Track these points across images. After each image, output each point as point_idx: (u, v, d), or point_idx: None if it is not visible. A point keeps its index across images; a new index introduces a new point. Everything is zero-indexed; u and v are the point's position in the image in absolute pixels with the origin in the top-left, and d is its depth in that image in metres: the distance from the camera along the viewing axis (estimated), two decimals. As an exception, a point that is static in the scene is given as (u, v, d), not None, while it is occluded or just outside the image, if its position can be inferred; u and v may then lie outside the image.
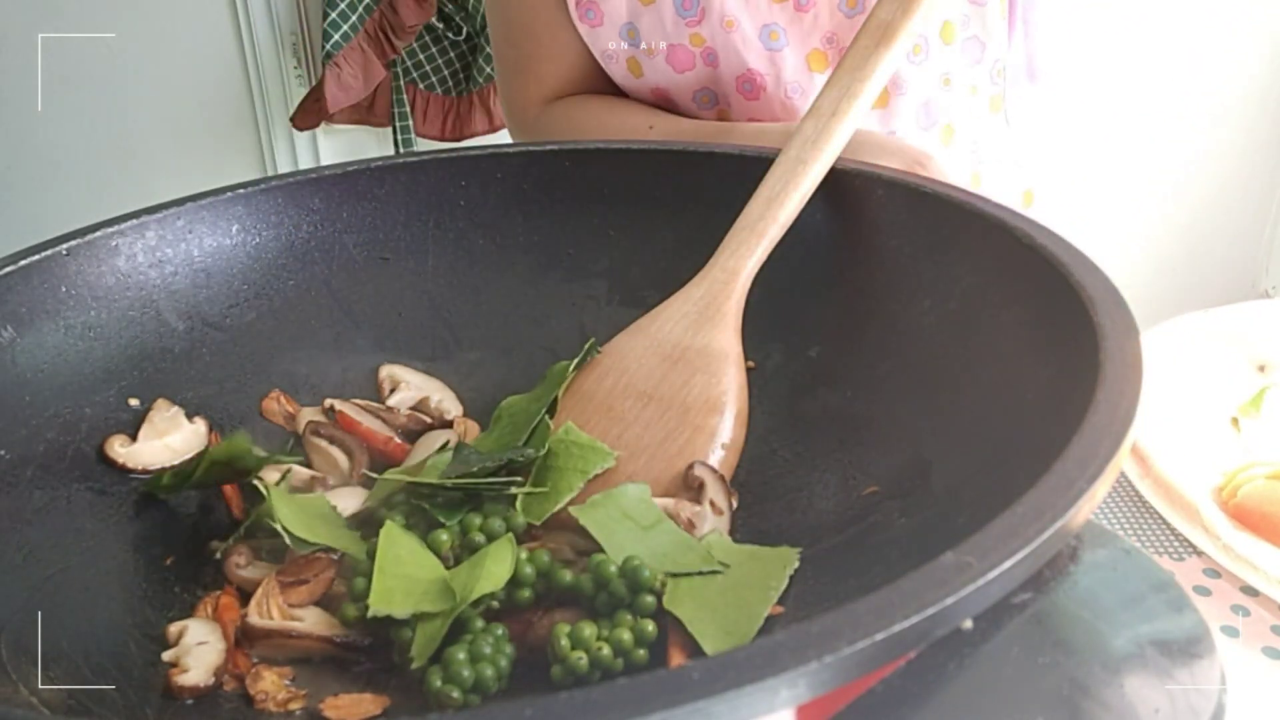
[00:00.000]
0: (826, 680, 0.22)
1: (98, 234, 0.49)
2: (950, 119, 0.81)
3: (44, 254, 0.47)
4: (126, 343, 0.49)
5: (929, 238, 0.47)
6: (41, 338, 0.46)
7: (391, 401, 0.52)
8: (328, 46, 1.80)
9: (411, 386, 0.53)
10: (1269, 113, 1.90)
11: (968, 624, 0.27)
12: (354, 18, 1.81)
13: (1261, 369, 0.63)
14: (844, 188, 0.50)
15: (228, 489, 0.47)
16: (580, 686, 0.30)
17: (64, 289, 0.47)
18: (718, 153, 0.55)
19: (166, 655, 0.38)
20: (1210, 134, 1.91)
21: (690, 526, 0.42)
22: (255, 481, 0.45)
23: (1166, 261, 1.99)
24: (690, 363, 0.47)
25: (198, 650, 0.38)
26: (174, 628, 0.39)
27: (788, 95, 0.78)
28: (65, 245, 0.48)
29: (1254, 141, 1.92)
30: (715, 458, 0.45)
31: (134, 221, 0.51)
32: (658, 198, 0.55)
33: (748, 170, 0.53)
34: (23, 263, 0.46)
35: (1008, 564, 0.25)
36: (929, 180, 0.48)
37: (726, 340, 0.48)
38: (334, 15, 1.79)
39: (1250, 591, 0.49)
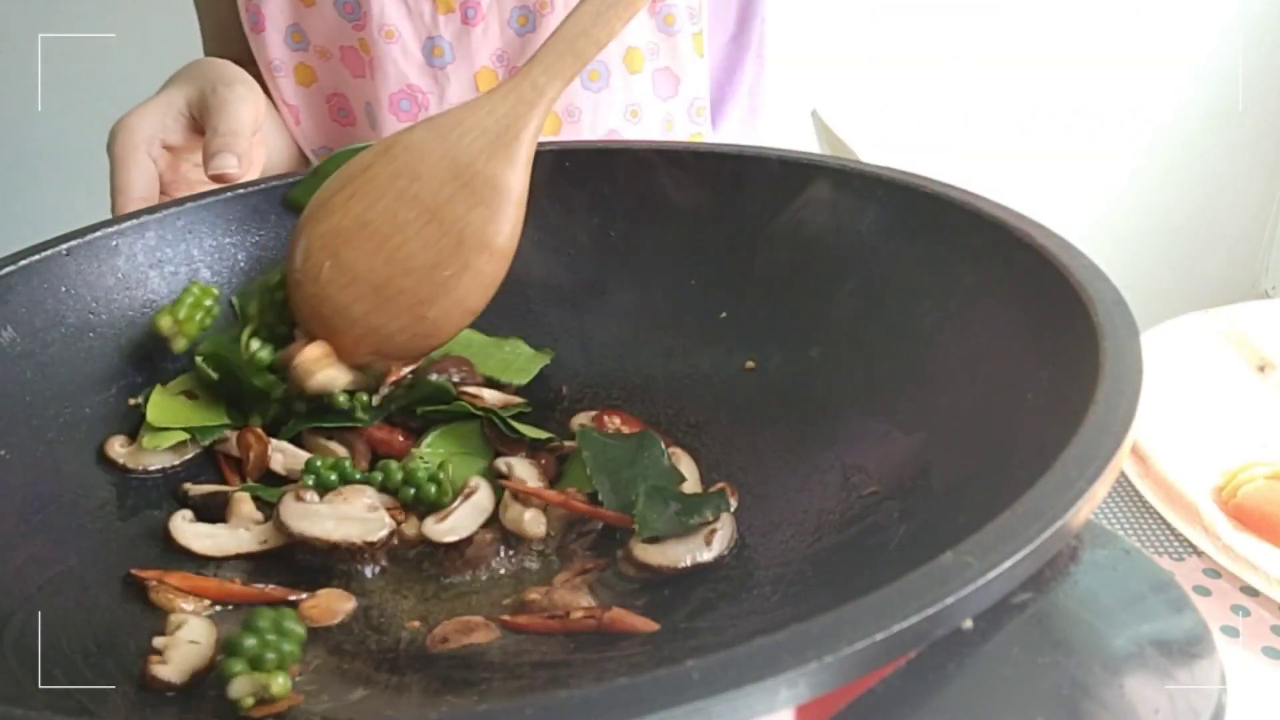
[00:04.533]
0: (826, 680, 0.22)
1: (98, 234, 0.49)
2: None
3: (44, 254, 0.47)
4: (126, 343, 0.49)
5: (929, 238, 0.47)
6: (41, 338, 0.46)
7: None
8: (328, 46, 1.80)
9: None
10: (1269, 113, 1.90)
11: (968, 624, 0.27)
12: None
13: (1261, 369, 0.63)
14: (844, 188, 0.50)
15: (226, 470, 0.48)
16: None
17: (64, 289, 0.48)
18: (718, 153, 0.55)
19: (157, 641, 0.38)
20: (1210, 134, 1.91)
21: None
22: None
23: (1166, 261, 1.98)
24: (477, 191, 0.47)
25: (186, 648, 0.38)
26: (175, 618, 0.39)
27: None
28: (65, 245, 0.48)
29: (1254, 141, 1.92)
30: (476, 295, 0.47)
31: (134, 221, 0.51)
32: (658, 198, 0.55)
33: (748, 170, 0.53)
34: (23, 263, 0.46)
35: (1008, 564, 0.25)
36: (929, 180, 0.48)
37: (515, 176, 0.47)
38: (334, 15, 1.79)
39: (1250, 591, 0.49)
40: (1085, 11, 1.73)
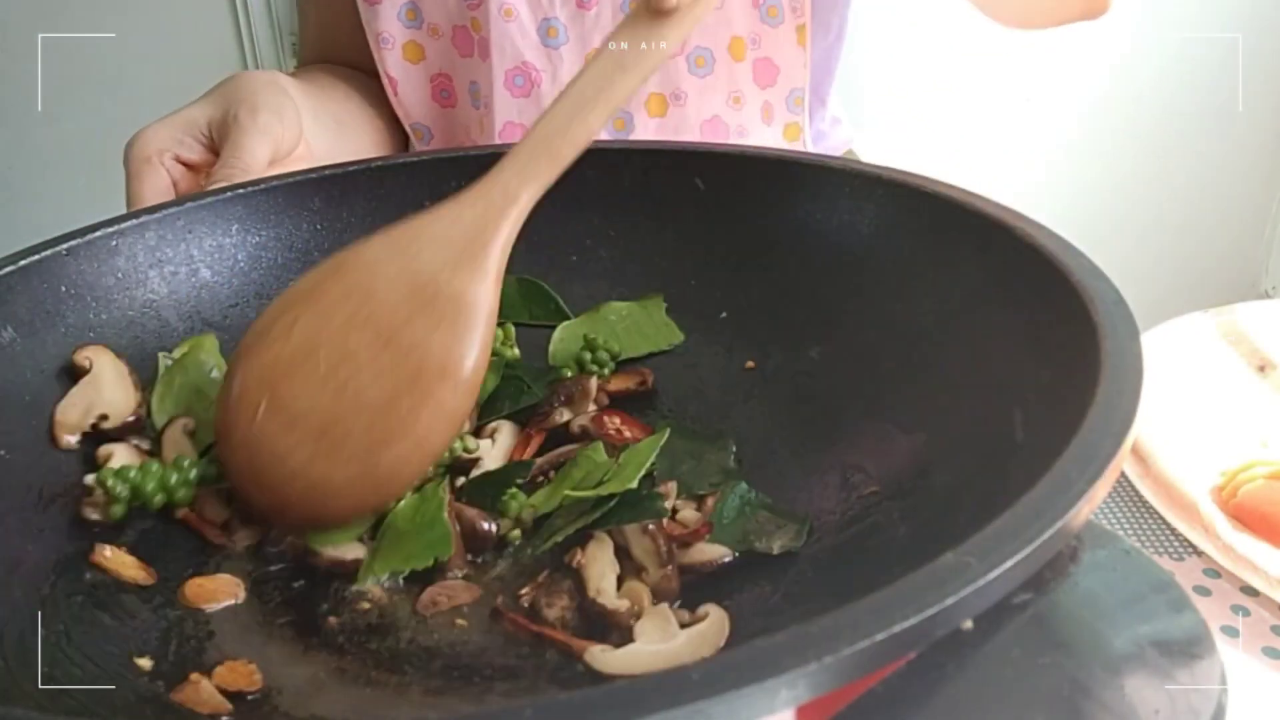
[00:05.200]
0: (826, 681, 0.22)
1: (98, 234, 0.49)
2: (741, 139, 0.79)
3: (44, 254, 0.47)
4: (127, 343, 0.49)
5: (929, 238, 0.47)
6: (41, 338, 0.46)
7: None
8: (328, 46, 1.80)
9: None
10: (1269, 113, 1.90)
11: (968, 624, 0.27)
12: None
13: (1261, 369, 0.63)
14: (844, 187, 0.50)
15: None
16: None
17: (64, 289, 0.48)
18: (718, 153, 0.55)
19: (88, 479, 0.39)
20: (1210, 134, 1.91)
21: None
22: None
23: (1166, 261, 1.98)
24: (439, 310, 0.42)
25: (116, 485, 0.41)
26: (104, 450, 0.40)
27: None
28: (65, 245, 0.48)
29: (1254, 141, 1.92)
30: (437, 432, 0.41)
31: (134, 221, 0.51)
32: (658, 198, 0.55)
33: (748, 170, 0.53)
34: (23, 263, 0.46)
35: (1008, 564, 0.25)
36: (929, 180, 0.48)
37: (483, 291, 0.42)
38: (334, 15, 1.79)
39: (1250, 591, 0.49)
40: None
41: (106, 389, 0.46)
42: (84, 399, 0.45)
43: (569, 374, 0.51)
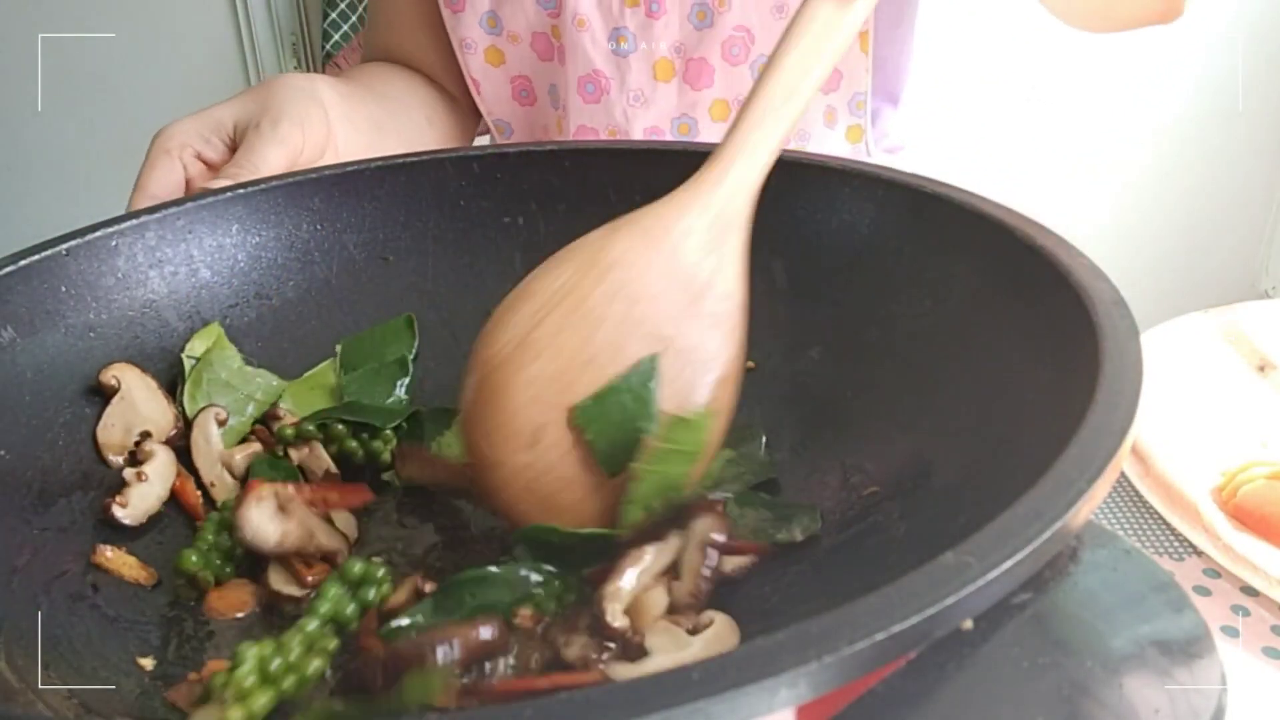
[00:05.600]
0: (826, 680, 0.22)
1: (98, 234, 0.49)
2: (802, 142, 0.82)
3: (44, 254, 0.47)
4: (127, 343, 0.49)
5: (929, 238, 0.47)
6: (41, 338, 0.46)
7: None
8: (327, 46, 1.80)
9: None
10: (1269, 113, 1.90)
11: (968, 624, 0.27)
12: (354, 18, 1.81)
13: (1261, 369, 0.63)
14: (844, 188, 0.50)
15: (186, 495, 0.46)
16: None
17: (64, 289, 0.47)
18: (718, 153, 0.55)
19: (128, 473, 0.39)
20: (1210, 134, 1.91)
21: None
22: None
23: (1166, 261, 1.98)
24: (709, 311, 0.40)
25: (144, 489, 0.41)
26: (147, 447, 0.41)
27: (630, 103, 0.79)
28: (65, 245, 0.48)
29: (1254, 141, 1.92)
30: (717, 433, 0.40)
31: (134, 221, 0.51)
32: (658, 198, 0.55)
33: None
34: (23, 263, 0.46)
35: (1008, 564, 0.25)
36: (929, 180, 0.48)
37: (742, 283, 0.41)
38: (334, 15, 1.79)
39: (1250, 591, 0.49)
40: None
41: (141, 406, 0.46)
42: (121, 418, 0.46)
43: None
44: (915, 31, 0.88)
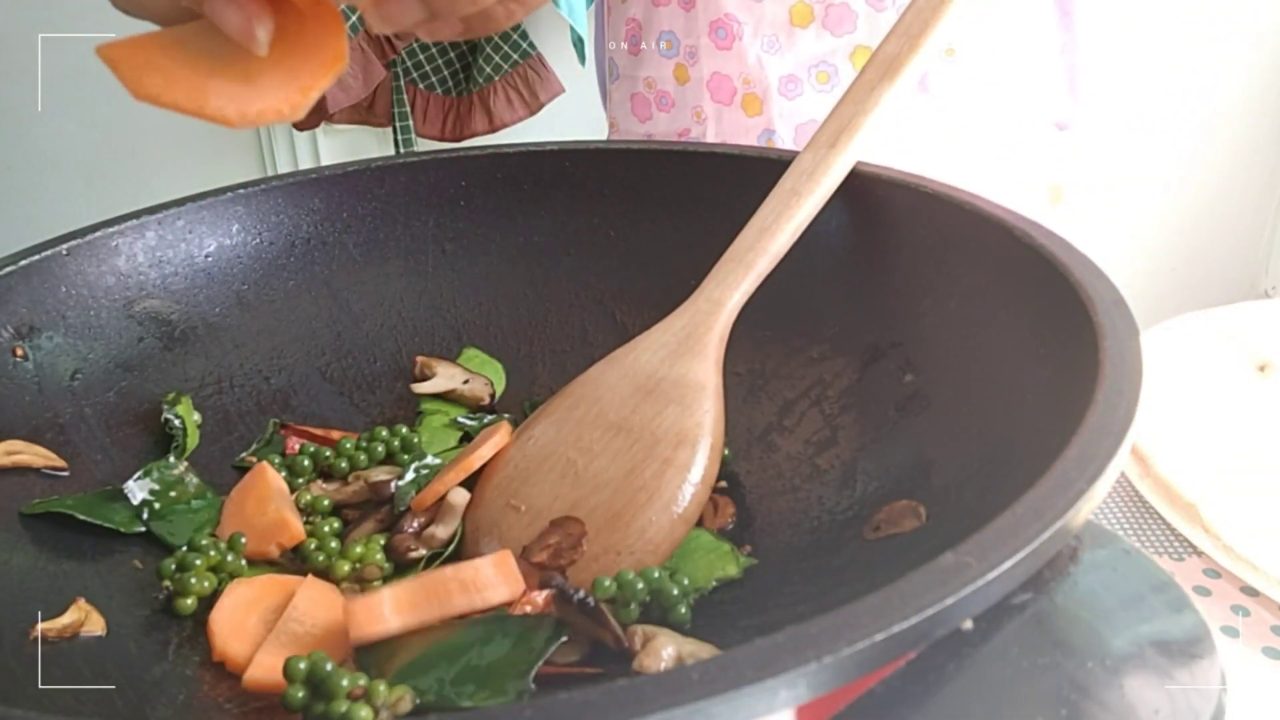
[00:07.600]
0: (826, 680, 0.22)
1: (98, 234, 0.49)
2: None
3: (44, 254, 0.47)
4: (126, 343, 0.49)
5: (930, 238, 0.47)
6: (41, 338, 0.46)
7: (422, 388, 0.52)
8: (329, 46, 1.80)
9: (442, 375, 0.53)
10: (1269, 113, 1.90)
11: (968, 624, 0.27)
12: (354, 18, 1.81)
13: (1261, 369, 0.63)
14: (845, 188, 0.50)
15: None
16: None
17: (64, 289, 0.48)
18: (718, 153, 0.55)
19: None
20: (1210, 134, 1.91)
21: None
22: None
23: (1166, 261, 1.98)
24: (665, 394, 0.45)
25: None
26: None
27: (763, 49, 0.75)
28: (65, 245, 0.48)
29: (1254, 141, 1.92)
30: (684, 494, 0.42)
31: (134, 221, 0.51)
32: (658, 198, 0.55)
33: (748, 170, 0.53)
34: (23, 263, 0.46)
35: (1008, 564, 0.25)
36: (930, 180, 0.48)
37: (705, 372, 0.45)
38: (343, 7, 1.79)
39: (1250, 591, 0.49)
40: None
41: None
42: None
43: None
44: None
